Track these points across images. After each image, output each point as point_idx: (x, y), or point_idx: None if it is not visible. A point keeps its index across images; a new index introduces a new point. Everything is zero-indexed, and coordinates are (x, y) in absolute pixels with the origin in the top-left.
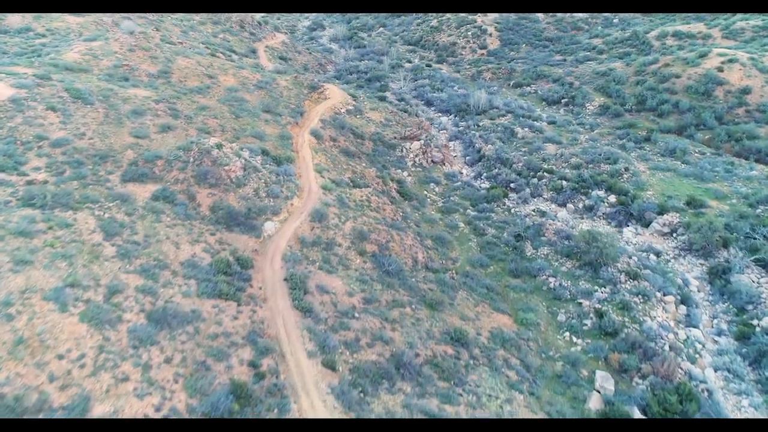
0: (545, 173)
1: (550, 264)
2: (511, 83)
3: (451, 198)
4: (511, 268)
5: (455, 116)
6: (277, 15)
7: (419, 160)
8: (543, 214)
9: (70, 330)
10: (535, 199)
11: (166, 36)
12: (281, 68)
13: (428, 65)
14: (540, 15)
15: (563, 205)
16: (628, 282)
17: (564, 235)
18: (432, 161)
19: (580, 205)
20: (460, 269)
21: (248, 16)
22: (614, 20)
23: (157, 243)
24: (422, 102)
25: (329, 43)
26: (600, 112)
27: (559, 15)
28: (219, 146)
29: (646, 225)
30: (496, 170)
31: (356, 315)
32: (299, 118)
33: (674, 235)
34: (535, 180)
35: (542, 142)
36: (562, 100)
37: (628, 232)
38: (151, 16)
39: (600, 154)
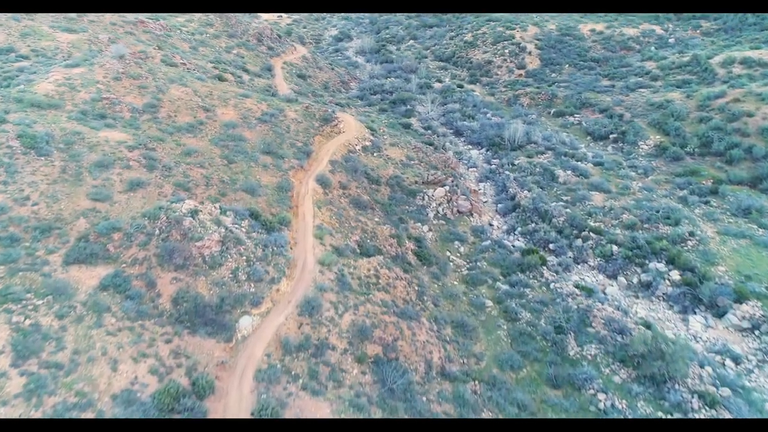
0: (591, 233)
1: (599, 371)
2: (552, 111)
3: (478, 263)
4: (549, 373)
5: (487, 151)
6: (303, 23)
7: (443, 210)
8: (589, 293)
9: None
10: (579, 266)
11: (168, 56)
12: (293, 95)
13: (460, 86)
14: (585, 32)
15: (613, 277)
16: (703, 410)
17: (617, 328)
18: (458, 211)
19: (635, 280)
20: (485, 372)
21: (267, 28)
22: (669, 40)
23: (88, 363)
24: (451, 131)
25: (355, 55)
26: (655, 154)
27: (607, 33)
28: (194, 213)
29: (720, 315)
30: (533, 225)
31: None
32: (305, 159)
33: (757, 332)
34: (579, 241)
35: (587, 189)
36: (611, 136)
37: (696, 322)
38: (158, 30)
39: (657, 211)
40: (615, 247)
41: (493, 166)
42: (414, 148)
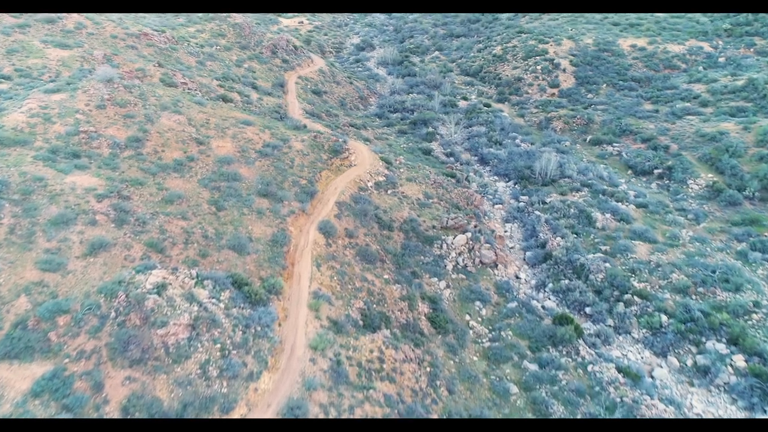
0: (635, 296)
1: None
2: (588, 138)
3: (503, 332)
4: None
5: (515, 184)
6: (324, 30)
7: (464, 261)
8: (635, 380)
9: None
10: (621, 338)
11: (168, 74)
12: (302, 120)
13: (487, 105)
14: (625, 47)
15: (662, 355)
16: None
17: None
18: (481, 262)
19: (689, 362)
20: None
21: (282, 39)
22: (719, 59)
23: None
24: (476, 158)
25: (376, 67)
26: (708, 195)
27: (650, 50)
28: (161, 288)
29: None
30: (566, 281)
31: None
32: (309, 201)
33: None
34: (620, 306)
35: (629, 237)
36: (655, 171)
37: None
38: (162, 44)
39: (714, 271)
40: (664, 317)
41: (522, 203)
42: (433, 184)
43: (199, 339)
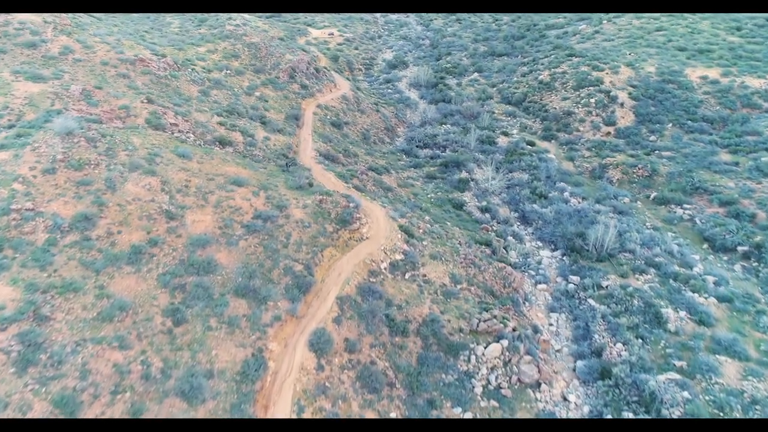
0: None
1: None
2: (652, 195)
3: None
4: None
5: (564, 255)
6: (355, 44)
7: (497, 379)
8: None
9: None
10: None
11: (157, 113)
12: (312, 169)
13: (530, 143)
14: (695, 79)
15: None
16: None
17: None
18: (519, 380)
19: None
20: None
21: (303, 61)
22: None
23: None
24: (516, 215)
25: (408, 89)
26: None
27: (724, 83)
28: None
29: None
30: (631, 414)
31: None
32: (301, 299)
33: None
34: None
35: (711, 350)
36: (739, 248)
37: None
38: (160, 71)
39: None
40: None
41: (572, 285)
42: (463, 261)
43: None
